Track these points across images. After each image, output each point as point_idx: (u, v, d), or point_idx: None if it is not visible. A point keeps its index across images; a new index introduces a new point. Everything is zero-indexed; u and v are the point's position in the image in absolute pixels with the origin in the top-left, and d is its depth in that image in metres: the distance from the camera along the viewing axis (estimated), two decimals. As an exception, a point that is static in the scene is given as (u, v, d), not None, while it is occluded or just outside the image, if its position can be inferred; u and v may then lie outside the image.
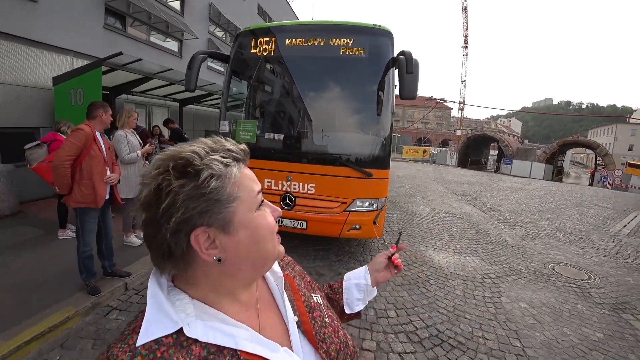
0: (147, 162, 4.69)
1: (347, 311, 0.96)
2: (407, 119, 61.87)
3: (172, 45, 10.98)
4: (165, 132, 8.06)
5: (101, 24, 8.06)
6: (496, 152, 41.20)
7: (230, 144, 0.58)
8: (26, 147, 4.58)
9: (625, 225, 8.74)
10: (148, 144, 4.62)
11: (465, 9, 41.98)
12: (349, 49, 4.09)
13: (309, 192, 4.14)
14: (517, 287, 4.20)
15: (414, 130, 49.54)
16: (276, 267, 0.72)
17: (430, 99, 40.50)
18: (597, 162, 33.08)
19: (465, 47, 42.88)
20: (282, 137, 4.36)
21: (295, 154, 4.23)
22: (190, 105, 10.90)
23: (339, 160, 4.04)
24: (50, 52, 6.80)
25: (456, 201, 10.19)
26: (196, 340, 0.50)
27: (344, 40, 4.11)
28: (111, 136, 4.23)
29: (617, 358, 2.93)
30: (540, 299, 3.93)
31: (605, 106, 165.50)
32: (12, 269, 3.55)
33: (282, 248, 0.63)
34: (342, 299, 0.97)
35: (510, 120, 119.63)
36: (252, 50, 4.48)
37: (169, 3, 10.54)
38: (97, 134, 3.25)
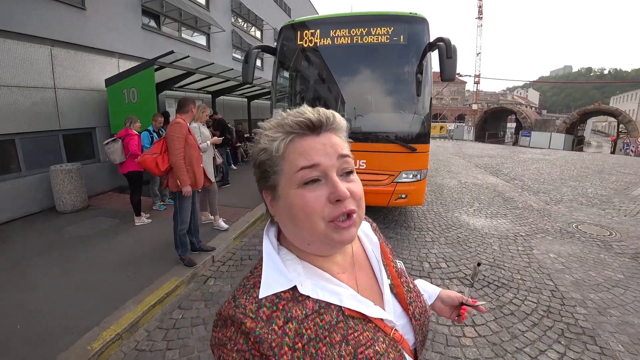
0: (216, 150, 5.36)
1: None
2: (420, 96, 60.90)
3: (200, 39, 11.52)
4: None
5: (139, 24, 8.62)
6: (514, 124, 40.69)
7: (294, 116, 0.61)
8: (104, 142, 5.28)
9: (647, 189, 9.05)
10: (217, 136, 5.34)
11: (478, -23, 40.74)
12: (390, 37, 4.57)
13: (360, 167, 4.73)
14: (545, 242, 4.76)
15: (428, 107, 48.99)
16: (371, 233, 0.80)
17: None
18: (620, 129, 32.40)
19: (480, 18, 41.86)
20: None
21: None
22: (221, 97, 11.53)
23: (387, 138, 4.60)
24: (99, 56, 7.36)
25: (480, 173, 10.63)
26: (309, 297, 0.59)
27: (384, 29, 4.59)
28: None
29: (636, 292, 3.49)
30: (567, 250, 4.49)
31: (629, 70, 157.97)
32: (113, 251, 4.17)
33: (342, 236, 0.59)
34: None
35: (527, 92, 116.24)
36: (298, 42, 4.98)
37: (197, -1, 11.04)
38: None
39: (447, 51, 3.99)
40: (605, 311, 3.14)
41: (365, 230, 0.80)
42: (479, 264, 1.03)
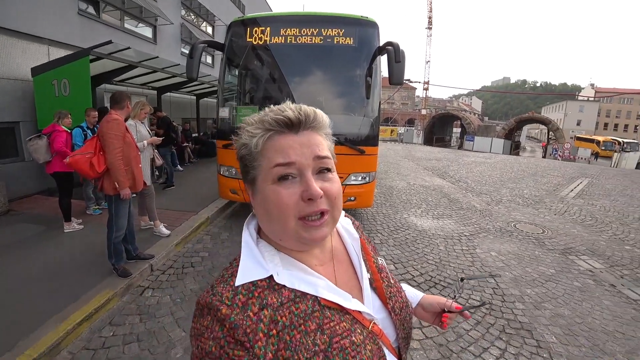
0: (156, 151, 4.93)
1: None
2: (374, 100, 62.62)
3: (146, 31, 10.78)
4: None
5: (75, 9, 7.85)
6: (459, 129, 43.29)
7: (274, 113, 0.61)
8: (27, 139, 4.69)
9: (572, 190, 10.00)
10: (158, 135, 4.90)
11: (428, -11, 42.88)
12: (340, 39, 4.54)
13: None
14: (487, 241, 5.01)
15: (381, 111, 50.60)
16: (352, 229, 0.80)
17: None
18: (550, 136, 35.77)
19: (430, 29, 44.12)
20: None
21: None
22: (167, 93, 10.84)
23: (336, 140, 4.50)
24: (25, 41, 6.57)
25: (428, 175, 11.07)
26: (284, 286, 0.59)
27: (335, 31, 4.55)
28: None
29: (565, 285, 3.77)
30: (507, 248, 4.76)
31: (557, 84, 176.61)
32: (35, 262, 3.67)
33: (312, 235, 0.60)
34: None
35: (471, 99, 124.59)
36: (248, 39, 4.78)
37: (142, -13, 10.30)
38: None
39: (395, 55, 4.04)
40: (540, 305, 3.34)
41: (346, 226, 0.80)
42: (462, 280, 0.98)
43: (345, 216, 0.82)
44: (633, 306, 3.45)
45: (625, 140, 35.46)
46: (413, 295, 0.95)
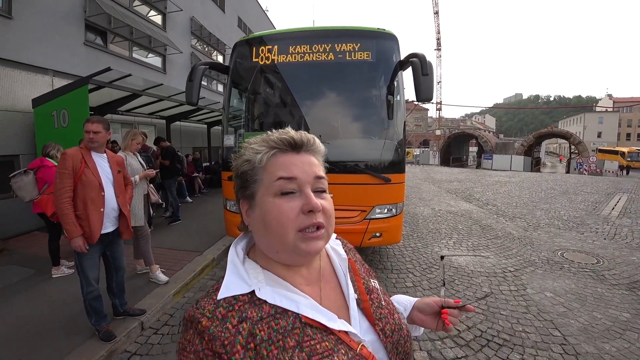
0: (151, 186, 4.42)
1: None
2: (386, 122, 62.79)
3: (155, 60, 10.72)
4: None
5: (81, 40, 7.76)
6: (476, 148, 42.26)
7: (278, 133, 0.66)
8: (10, 175, 4.26)
9: (614, 208, 9.10)
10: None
11: (436, 13, 43.45)
12: (356, 54, 4.03)
13: None
14: (537, 277, 4.25)
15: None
16: (341, 250, 0.79)
17: (407, 101, 41.39)
18: (572, 150, 34.46)
19: (439, 49, 44.20)
20: None
21: None
22: (177, 122, 10.59)
23: (357, 168, 3.92)
24: (27, 72, 6.42)
25: (452, 199, 10.32)
26: (266, 301, 0.59)
27: (350, 45, 4.05)
28: None
29: (652, 338, 2.98)
30: (562, 286, 3.99)
31: (571, 97, 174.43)
32: (7, 317, 3.12)
33: (309, 246, 0.61)
34: None
35: (484, 117, 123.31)
36: (254, 59, 4.33)
37: (151, 17, 10.30)
38: (94, 155, 2.83)
39: (422, 68, 3.46)
40: (628, 369, 2.58)
41: (335, 247, 0.80)
42: (442, 258, 0.67)
43: (336, 238, 0.83)
44: None
45: (651, 151, 33.83)
46: (407, 301, 0.91)
